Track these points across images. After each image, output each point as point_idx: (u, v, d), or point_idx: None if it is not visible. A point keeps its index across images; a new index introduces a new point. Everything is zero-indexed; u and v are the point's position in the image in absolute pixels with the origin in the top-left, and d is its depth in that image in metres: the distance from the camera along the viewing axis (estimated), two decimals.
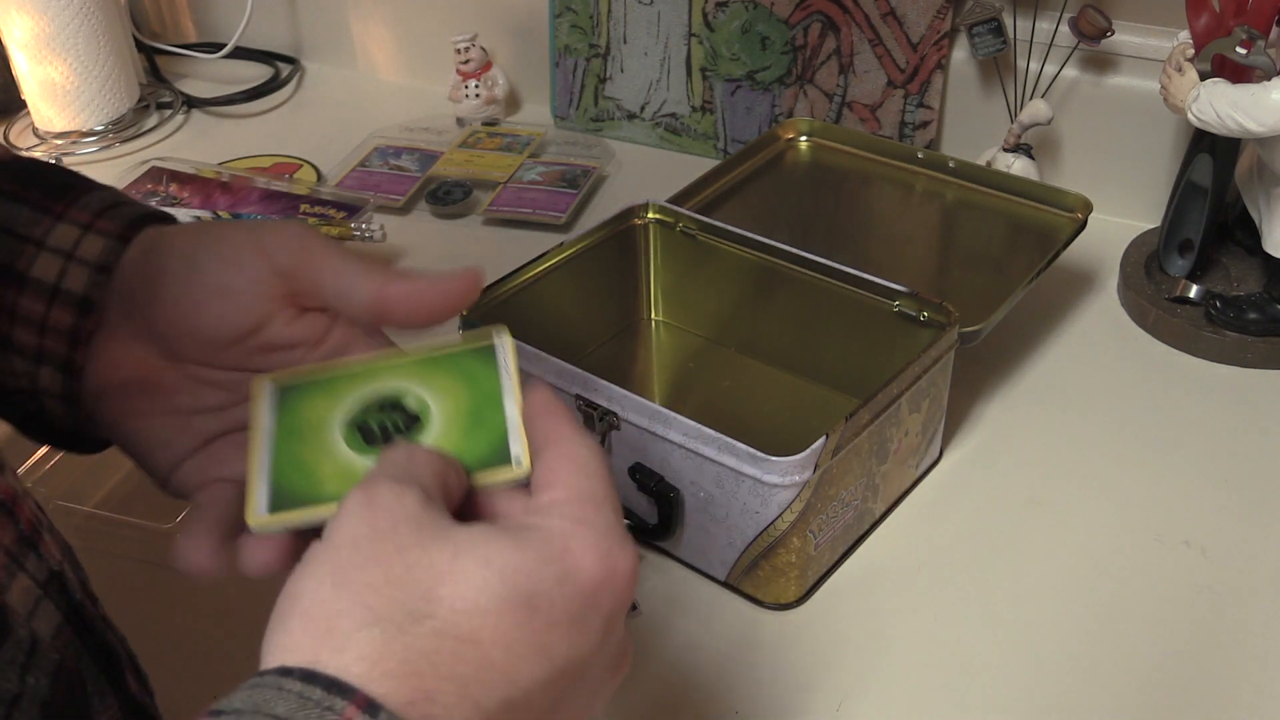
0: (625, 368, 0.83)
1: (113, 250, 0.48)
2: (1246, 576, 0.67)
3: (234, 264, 0.46)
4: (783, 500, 0.62)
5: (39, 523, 0.43)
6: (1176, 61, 0.79)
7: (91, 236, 0.48)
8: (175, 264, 0.47)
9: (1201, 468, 0.75)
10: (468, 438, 0.43)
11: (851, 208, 0.92)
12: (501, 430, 0.43)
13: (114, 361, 0.48)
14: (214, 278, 0.46)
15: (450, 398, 0.44)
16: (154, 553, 0.68)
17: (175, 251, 0.47)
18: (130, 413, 0.49)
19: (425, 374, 0.45)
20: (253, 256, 0.46)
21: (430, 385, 0.45)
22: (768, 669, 0.63)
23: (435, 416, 0.44)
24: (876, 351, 0.74)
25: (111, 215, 0.49)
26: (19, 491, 0.43)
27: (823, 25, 1.01)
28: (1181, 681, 0.62)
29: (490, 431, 0.43)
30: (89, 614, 0.45)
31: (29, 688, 0.39)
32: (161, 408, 0.49)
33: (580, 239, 0.79)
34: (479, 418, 0.43)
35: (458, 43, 1.12)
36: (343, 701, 0.32)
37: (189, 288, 0.47)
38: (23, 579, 0.41)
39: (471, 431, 0.43)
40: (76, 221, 0.48)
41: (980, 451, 0.77)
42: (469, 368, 0.45)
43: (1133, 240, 0.93)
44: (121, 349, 0.48)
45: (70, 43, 1.11)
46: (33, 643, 0.39)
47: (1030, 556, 0.69)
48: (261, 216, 0.94)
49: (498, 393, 0.44)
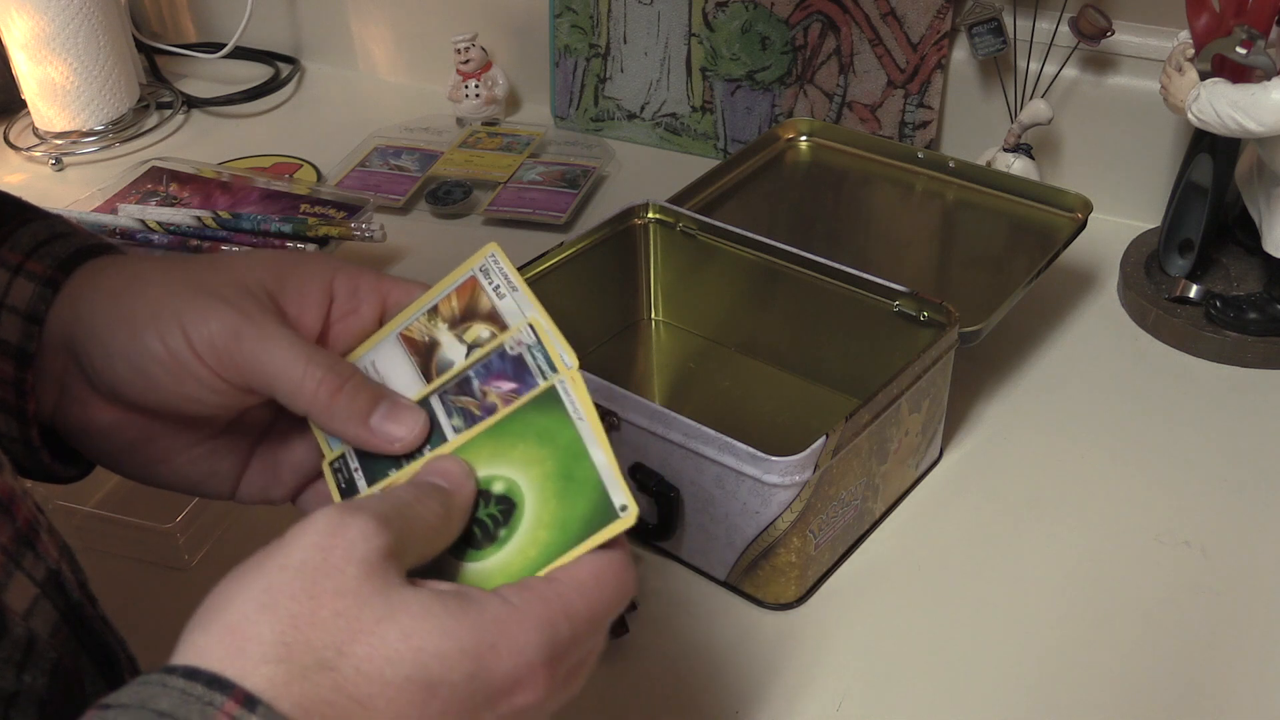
0: (625, 368, 0.83)
1: (41, 298, 0.46)
2: (1246, 576, 0.67)
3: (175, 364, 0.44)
4: (783, 500, 0.62)
5: (37, 522, 0.43)
6: (1176, 61, 0.79)
7: (20, 281, 0.46)
8: (118, 361, 0.45)
9: (1201, 468, 0.75)
10: (565, 504, 0.41)
11: (851, 208, 0.92)
12: (596, 482, 0.41)
13: (105, 432, 0.47)
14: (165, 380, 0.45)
15: (535, 466, 0.42)
16: (154, 553, 0.68)
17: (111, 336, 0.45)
18: (152, 463, 0.49)
19: (500, 448, 0.43)
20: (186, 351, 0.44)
21: (509, 459, 0.43)
22: (768, 669, 0.63)
23: (526, 494, 0.42)
24: (876, 351, 0.74)
25: (42, 254, 0.47)
26: (17, 491, 0.42)
27: (823, 25, 1.01)
28: (1182, 681, 0.62)
29: (586, 487, 0.41)
30: (87, 614, 0.45)
31: (26, 686, 0.38)
32: (179, 446, 0.49)
33: (580, 239, 0.79)
34: (570, 478, 0.41)
35: (458, 43, 1.12)
36: (222, 696, 0.32)
37: (145, 385, 0.45)
38: (20, 578, 0.41)
39: (567, 495, 0.41)
40: (6, 263, 0.46)
41: (980, 451, 0.77)
42: (539, 425, 0.43)
43: (1133, 240, 0.93)
44: (106, 414, 0.47)
45: (70, 43, 1.11)
46: (30, 641, 0.39)
47: (1030, 556, 0.69)
48: (261, 217, 0.94)
49: (579, 443, 0.42)
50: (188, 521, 0.68)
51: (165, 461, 0.49)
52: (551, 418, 0.43)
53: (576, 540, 0.40)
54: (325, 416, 0.44)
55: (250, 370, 0.44)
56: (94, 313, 0.45)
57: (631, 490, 0.40)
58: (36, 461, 0.48)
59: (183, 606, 0.35)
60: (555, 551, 0.40)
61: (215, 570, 0.35)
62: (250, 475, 0.50)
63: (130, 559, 0.69)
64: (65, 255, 0.47)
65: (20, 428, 0.47)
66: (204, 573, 0.68)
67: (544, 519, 0.41)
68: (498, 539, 0.41)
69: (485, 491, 0.42)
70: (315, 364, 0.44)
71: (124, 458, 0.49)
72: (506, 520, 0.41)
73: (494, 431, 0.43)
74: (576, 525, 0.40)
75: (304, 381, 0.44)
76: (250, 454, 0.50)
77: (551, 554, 0.40)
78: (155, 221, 0.94)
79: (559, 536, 0.40)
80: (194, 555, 0.68)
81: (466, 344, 0.47)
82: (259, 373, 0.44)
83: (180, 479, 0.49)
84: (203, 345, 0.44)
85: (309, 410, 0.44)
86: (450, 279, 0.48)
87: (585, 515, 0.40)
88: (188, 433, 0.48)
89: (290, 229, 0.93)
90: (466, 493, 0.42)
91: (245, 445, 0.50)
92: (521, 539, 0.41)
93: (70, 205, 0.99)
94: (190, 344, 0.44)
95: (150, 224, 0.94)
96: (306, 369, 0.44)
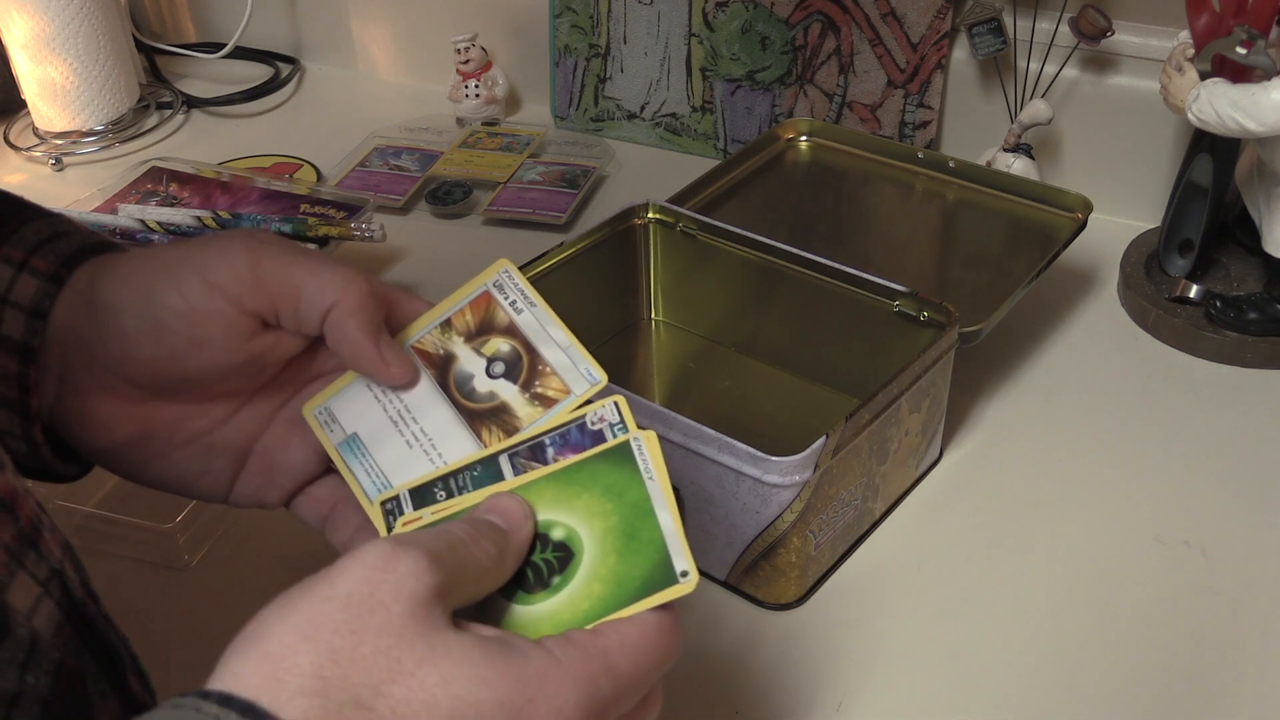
0: (625, 368, 0.83)
1: (45, 293, 0.46)
2: (1246, 576, 0.67)
3: (193, 313, 0.45)
4: (783, 500, 0.62)
5: (39, 521, 0.43)
6: (1176, 61, 0.79)
7: (25, 277, 0.46)
8: (130, 319, 0.45)
9: (1201, 468, 0.75)
10: (624, 561, 0.40)
11: (851, 208, 0.92)
12: (660, 544, 0.40)
13: (104, 424, 0.47)
14: (181, 331, 0.45)
15: (598, 519, 0.41)
16: (154, 553, 0.68)
17: (126, 303, 0.46)
18: (148, 459, 0.49)
19: (564, 495, 0.42)
20: (206, 295, 0.45)
21: (572, 508, 0.42)
22: (768, 669, 0.63)
23: (586, 545, 0.41)
24: (876, 351, 0.74)
25: (46, 252, 0.47)
26: (19, 489, 0.42)
27: (823, 25, 1.01)
28: (1181, 681, 0.62)
29: (648, 548, 0.40)
30: (90, 613, 0.44)
31: (29, 686, 0.38)
32: (177, 441, 0.49)
33: (580, 239, 0.79)
34: (633, 535, 0.41)
35: (458, 43, 1.12)
36: None
37: (157, 344, 0.45)
38: (22, 577, 0.40)
39: (628, 553, 0.40)
40: (10, 260, 0.46)
41: (980, 451, 0.77)
42: (608, 478, 0.42)
43: (1133, 240, 0.93)
44: (106, 408, 0.47)
45: (70, 43, 1.11)
46: (32, 641, 0.39)
47: (1030, 556, 0.69)
48: (261, 217, 0.94)
49: (647, 502, 0.41)
50: (188, 521, 0.68)
51: (162, 457, 0.49)
52: (621, 473, 0.42)
53: (632, 599, 0.39)
54: (346, 312, 0.45)
55: (274, 281, 0.45)
56: (105, 295, 0.46)
57: (696, 560, 0.40)
58: (38, 459, 0.48)
59: (182, 606, 0.35)
60: (608, 608, 0.40)
61: (215, 570, 0.35)
62: (245, 477, 0.50)
63: (130, 559, 0.69)
64: (69, 252, 0.47)
65: (23, 424, 0.47)
66: (204, 573, 0.68)
67: (601, 573, 0.40)
68: (551, 586, 0.41)
69: (544, 536, 0.42)
70: (340, 267, 0.45)
71: (121, 453, 0.49)
72: (562, 568, 0.41)
73: (559, 477, 0.43)
74: (634, 584, 0.40)
75: (332, 278, 0.45)
76: (247, 453, 0.50)
77: (604, 609, 0.40)
78: (155, 221, 0.94)
79: (614, 592, 0.40)
80: (194, 555, 0.68)
81: (485, 357, 0.47)
82: (284, 280, 0.45)
83: (175, 477, 0.49)
84: (224, 277, 0.45)
85: (337, 300, 0.45)
86: (461, 293, 0.49)
87: (644, 575, 0.40)
88: (186, 425, 0.48)
89: (290, 229, 0.93)
90: (524, 535, 0.41)
91: (243, 443, 0.50)
92: (575, 590, 0.40)
93: (70, 205, 0.99)
94: (209, 284, 0.45)
95: (150, 224, 0.94)
96: (333, 269, 0.45)
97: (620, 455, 0.43)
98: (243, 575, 0.67)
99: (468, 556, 0.38)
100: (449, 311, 0.49)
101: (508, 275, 0.48)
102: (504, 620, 0.40)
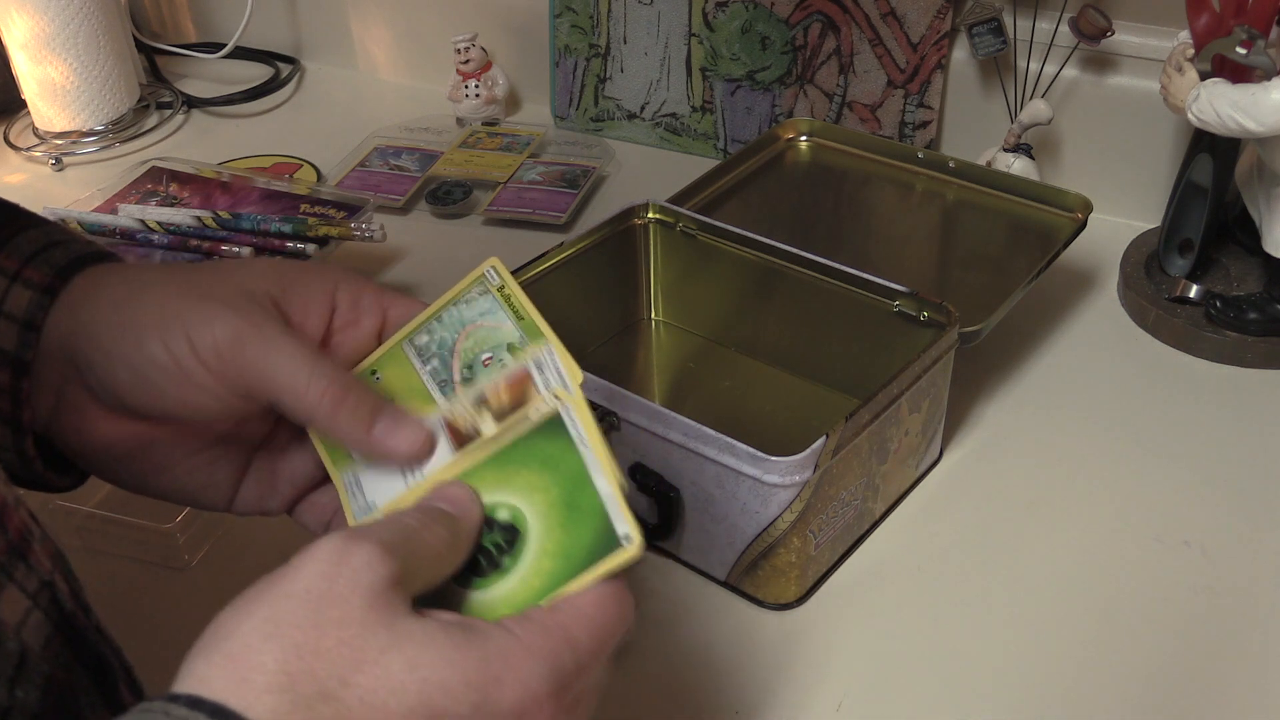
0: (625, 368, 0.83)
1: (38, 305, 0.46)
2: (1246, 576, 0.67)
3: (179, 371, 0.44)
4: (783, 500, 0.62)
5: (29, 532, 0.42)
6: (1176, 61, 0.79)
7: (18, 288, 0.46)
8: (119, 367, 0.45)
9: (1201, 468, 0.75)
10: (569, 532, 0.40)
11: (851, 208, 0.92)
12: (600, 511, 0.40)
13: (102, 440, 0.47)
14: (168, 387, 0.44)
15: (539, 493, 0.41)
16: (154, 553, 0.68)
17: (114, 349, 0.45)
18: (148, 472, 0.48)
19: (504, 475, 0.42)
20: (190, 357, 0.44)
21: (513, 486, 0.42)
22: (768, 669, 0.63)
23: (531, 521, 0.41)
24: (876, 351, 0.74)
25: (40, 262, 0.46)
26: (9, 500, 0.42)
27: (823, 25, 1.01)
28: (1181, 681, 0.61)
29: (590, 516, 0.40)
30: (81, 624, 0.44)
31: (18, 701, 0.38)
32: (177, 455, 0.48)
33: (580, 239, 0.79)
34: (574, 506, 0.41)
35: (458, 43, 1.12)
36: None
37: (146, 391, 0.45)
38: (11, 590, 0.40)
39: (571, 524, 0.40)
40: (4, 270, 0.46)
41: (980, 451, 0.77)
42: (544, 451, 0.42)
43: (1133, 240, 0.93)
44: (103, 423, 0.47)
45: (70, 43, 1.11)
46: (22, 655, 0.39)
47: (1030, 556, 0.69)
48: (261, 217, 0.94)
49: (583, 470, 0.41)
50: (188, 521, 0.68)
51: (163, 471, 0.49)
52: (555, 444, 0.42)
53: (580, 569, 0.39)
54: (329, 424, 0.44)
55: (254, 376, 0.44)
56: (95, 320, 0.45)
57: (637, 518, 0.40)
58: (30, 470, 0.48)
59: (182, 607, 0.35)
60: (559, 581, 0.40)
61: (215, 570, 0.35)
62: (247, 486, 0.50)
63: (130, 559, 0.69)
64: (64, 262, 0.47)
65: (14, 437, 0.46)
66: (204, 573, 0.68)
67: (548, 548, 0.40)
68: (502, 567, 0.41)
69: (490, 519, 0.42)
70: (319, 372, 0.44)
71: (121, 467, 0.48)
72: (511, 548, 0.41)
73: (498, 458, 0.43)
74: (581, 554, 0.40)
75: (309, 389, 0.44)
76: (248, 464, 0.50)
77: (556, 583, 0.40)
78: (155, 221, 0.94)
79: (563, 566, 0.40)
80: (194, 555, 0.68)
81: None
82: (263, 379, 0.44)
83: (177, 489, 0.49)
84: (206, 350, 0.44)
85: (312, 417, 0.44)
86: (451, 294, 0.49)
87: (589, 544, 0.40)
88: (186, 442, 0.48)
89: (290, 229, 0.93)
90: (473, 519, 0.41)
91: (243, 455, 0.50)
92: (526, 568, 0.41)
93: (70, 205, 0.99)
94: (194, 349, 0.44)
95: (150, 224, 0.94)
96: (311, 377, 0.44)
97: (552, 426, 0.43)
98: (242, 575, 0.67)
99: (420, 544, 0.38)
100: (440, 309, 0.48)
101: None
102: (462, 606, 0.41)
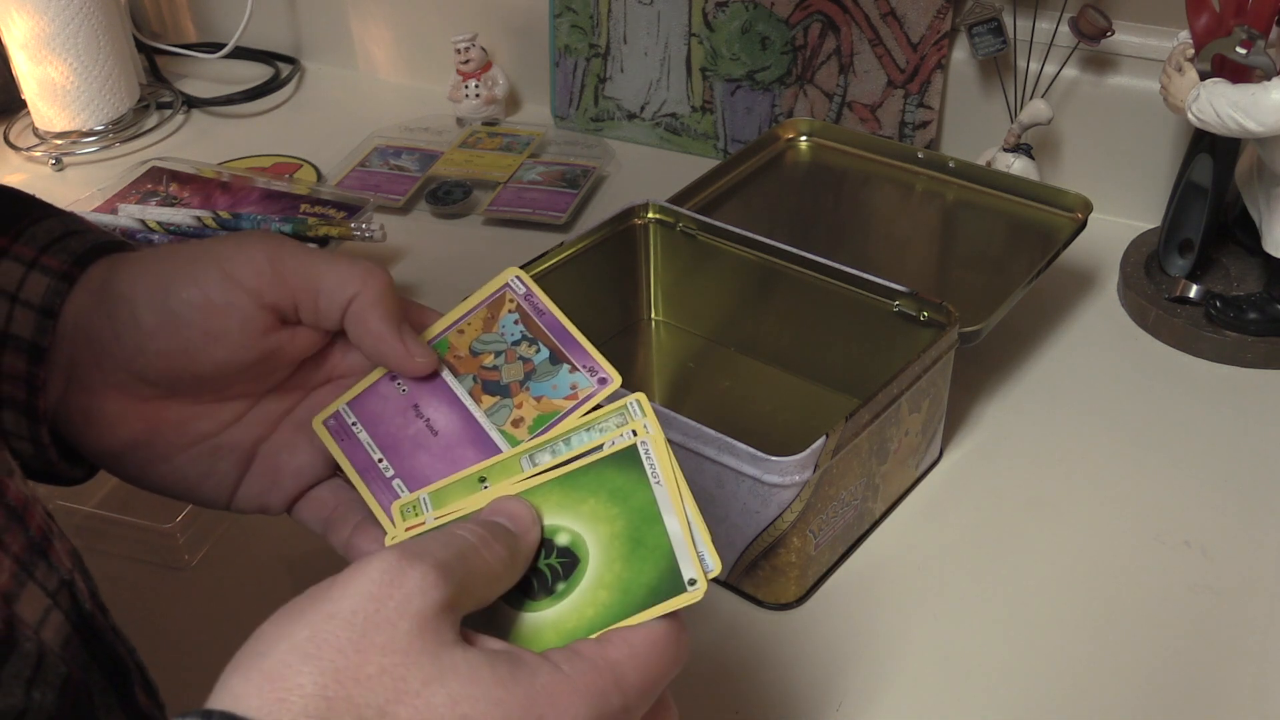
0: (625, 368, 0.82)
1: (56, 291, 0.46)
2: (1246, 576, 0.67)
3: (211, 306, 0.45)
4: (783, 500, 0.62)
5: (49, 530, 0.42)
6: (1176, 61, 0.79)
7: (35, 275, 0.46)
8: (146, 312, 0.45)
9: (1201, 468, 0.75)
10: (630, 567, 0.39)
11: (851, 208, 0.92)
12: (667, 551, 0.39)
13: (111, 423, 0.47)
14: (197, 324, 0.45)
15: (604, 524, 0.40)
16: (154, 553, 0.68)
17: (142, 296, 0.45)
18: (152, 460, 0.48)
19: (569, 500, 0.41)
20: (224, 289, 0.45)
21: (577, 512, 0.41)
22: (768, 669, 0.63)
23: (591, 550, 0.40)
24: (876, 351, 0.74)
25: (58, 250, 0.47)
26: (29, 497, 0.41)
27: (823, 25, 1.01)
28: (1181, 681, 0.62)
29: (655, 554, 0.39)
30: (99, 624, 0.43)
31: (35, 703, 0.37)
32: (183, 442, 0.48)
33: (580, 239, 0.79)
34: (639, 541, 0.40)
35: (458, 43, 1.12)
36: None
37: (172, 338, 0.45)
38: (32, 588, 0.39)
39: (634, 559, 0.39)
40: (21, 258, 0.46)
41: (980, 451, 0.77)
42: (614, 482, 0.41)
43: (1133, 240, 0.93)
44: (113, 406, 0.47)
45: (70, 43, 1.11)
46: (40, 655, 0.38)
47: (1030, 556, 0.69)
48: (261, 217, 0.94)
49: (654, 507, 0.40)
50: (188, 521, 0.68)
51: (167, 459, 0.49)
52: (627, 477, 0.41)
53: (638, 607, 0.39)
54: (368, 309, 0.45)
55: (297, 279, 0.45)
56: (118, 285, 0.46)
57: (703, 567, 0.39)
58: (44, 460, 0.48)
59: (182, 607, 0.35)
60: (614, 615, 0.39)
61: (215, 570, 0.35)
62: (250, 480, 0.50)
63: (130, 559, 0.69)
64: (81, 250, 0.47)
65: (30, 425, 0.47)
66: (204, 573, 0.68)
67: (606, 579, 0.39)
68: (555, 592, 0.40)
69: (549, 541, 0.41)
70: (361, 263, 0.46)
71: (126, 454, 0.48)
72: (567, 575, 0.40)
73: (564, 481, 0.42)
74: (640, 591, 0.39)
75: (352, 273, 0.45)
76: (252, 456, 0.50)
77: (610, 617, 0.39)
78: (155, 221, 0.94)
79: (620, 600, 0.39)
80: (194, 555, 0.68)
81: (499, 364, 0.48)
82: (306, 277, 0.45)
83: (180, 479, 0.49)
84: (243, 270, 0.45)
85: (358, 292, 0.45)
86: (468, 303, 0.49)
87: (651, 583, 0.39)
88: (193, 426, 0.48)
89: (290, 229, 0.93)
90: (532, 539, 0.40)
91: (248, 446, 0.50)
92: (580, 597, 0.40)
93: (70, 205, 0.99)
94: (228, 278, 0.45)
95: (150, 224, 0.94)
96: (354, 264, 0.46)
97: (627, 459, 0.42)
98: (242, 575, 0.67)
99: (478, 562, 0.37)
100: (458, 320, 0.49)
101: (518, 282, 0.48)
102: (509, 627, 0.40)
